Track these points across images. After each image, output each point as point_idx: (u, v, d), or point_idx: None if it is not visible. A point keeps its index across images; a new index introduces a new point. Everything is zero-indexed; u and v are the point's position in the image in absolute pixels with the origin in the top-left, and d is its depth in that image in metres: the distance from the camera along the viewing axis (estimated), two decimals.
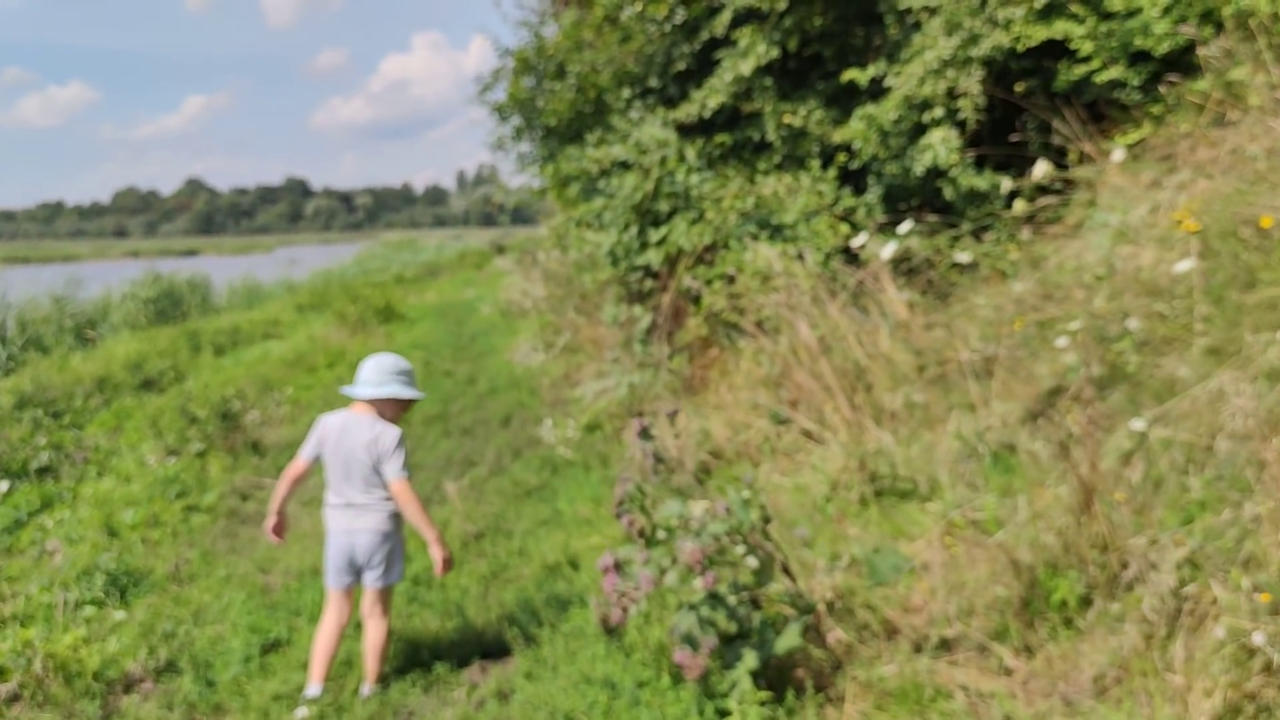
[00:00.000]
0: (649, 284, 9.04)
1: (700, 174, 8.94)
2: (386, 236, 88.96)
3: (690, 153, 9.10)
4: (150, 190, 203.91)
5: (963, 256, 6.78)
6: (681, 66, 9.24)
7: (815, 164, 8.21)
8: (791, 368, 7.08)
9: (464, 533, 6.46)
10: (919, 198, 8.19)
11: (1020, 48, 7.24)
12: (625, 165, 9.56)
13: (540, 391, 11.23)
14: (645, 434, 4.32)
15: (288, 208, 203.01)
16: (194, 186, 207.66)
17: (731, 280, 8.06)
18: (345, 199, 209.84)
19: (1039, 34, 7.14)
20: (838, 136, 8.24)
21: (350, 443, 4.46)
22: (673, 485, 5.68)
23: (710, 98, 8.55)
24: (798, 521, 5.34)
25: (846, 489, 5.79)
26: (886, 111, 7.72)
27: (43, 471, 8.83)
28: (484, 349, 15.20)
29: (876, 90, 8.57)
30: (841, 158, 8.09)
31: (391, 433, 4.50)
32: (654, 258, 8.77)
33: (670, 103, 9.60)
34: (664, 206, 9.16)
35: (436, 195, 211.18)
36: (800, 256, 7.40)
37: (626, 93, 9.74)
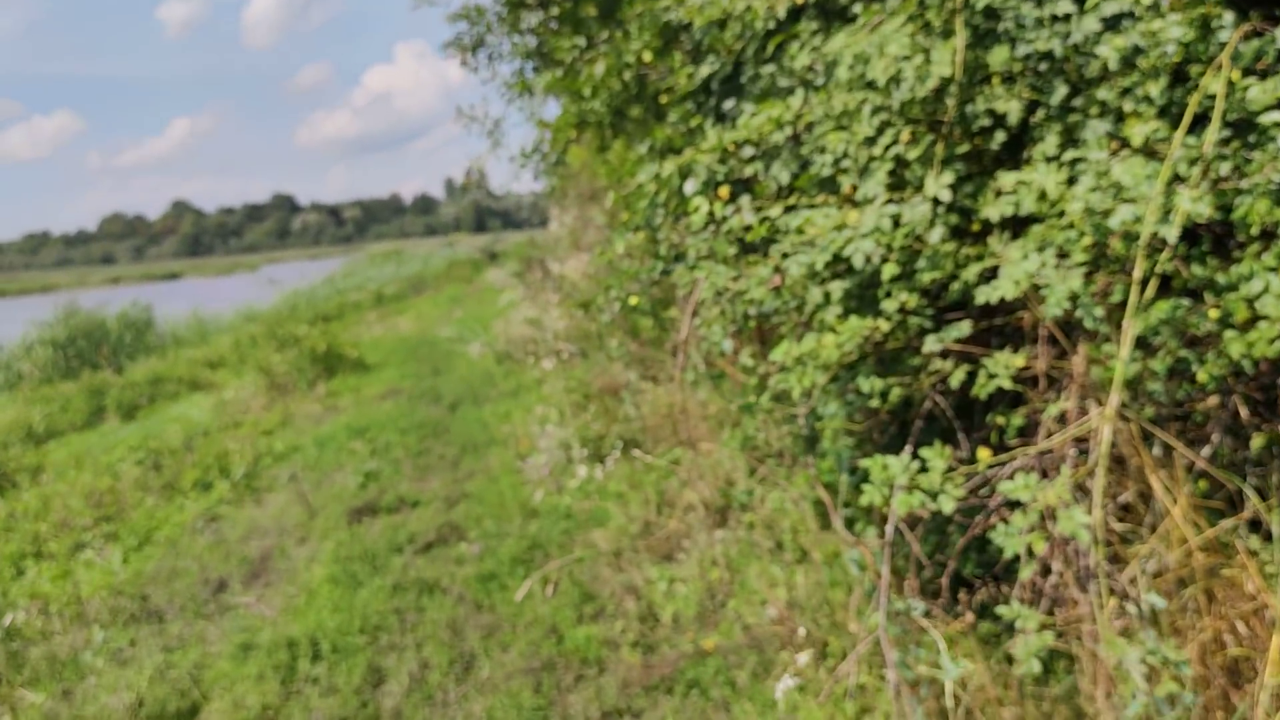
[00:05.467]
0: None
1: None
2: (374, 248, 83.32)
3: None
4: (137, 215, 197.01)
5: None
6: None
7: None
8: None
9: None
10: None
11: None
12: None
13: (608, 585, 4.90)
14: None
15: (275, 225, 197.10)
16: (180, 209, 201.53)
17: None
18: (333, 213, 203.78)
19: None
20: None
21: None
22: None
23: None
24: None
25: None
26: None
27: None
28: (473, 437, 8.77)
29: None
30: None
31: None
32: (1051, 275, 2.41)
33: None
34: (1010, 104, 2.78)
35: (426, 204, 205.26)
36: None
37: None
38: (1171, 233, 2.39)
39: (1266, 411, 2.72)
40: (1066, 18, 2.80)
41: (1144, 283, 2.47)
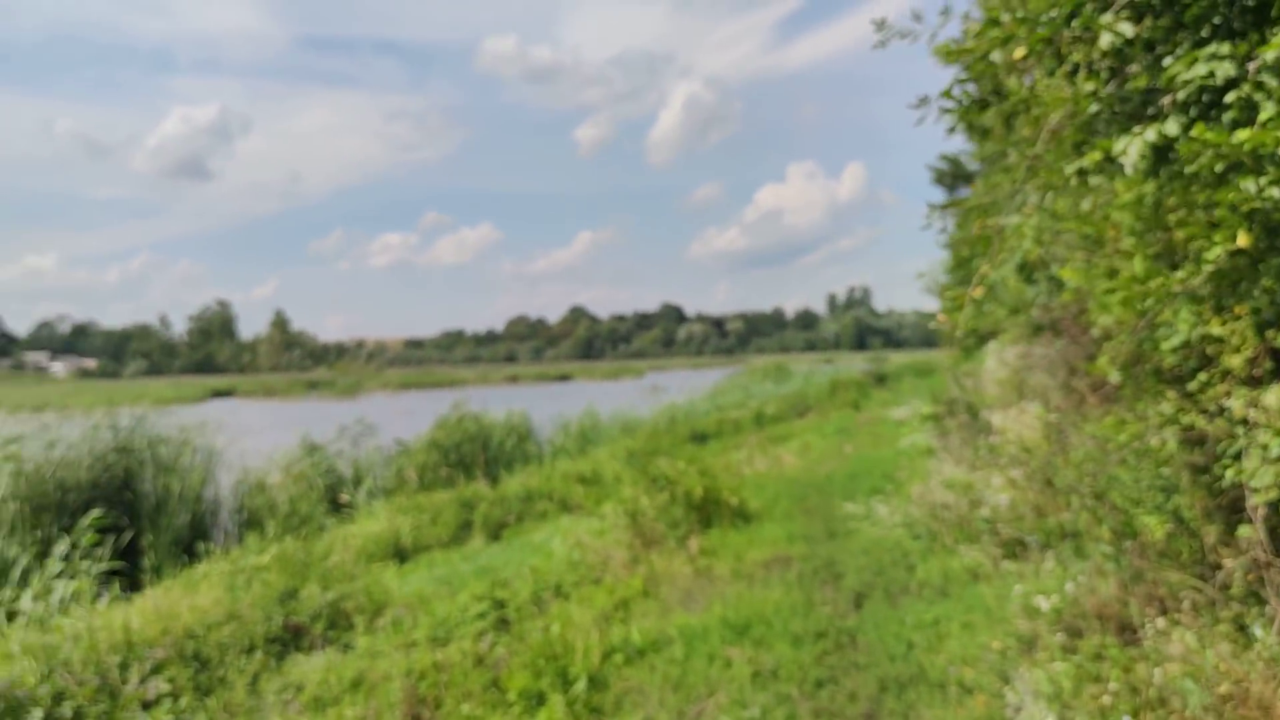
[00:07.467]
0: None
1: None
2: (755, 361, 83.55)
3: None
4: (539, 318, 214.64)
5: None
6: None
7: None
8: None
9: None
10: None
11: None
12: None
13: None
14: None
15: (662, 333, 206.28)
16: (577, 314, 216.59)
17: None
18: (717, 324, 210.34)
19: None
20: None
21: None
22: None
23: None
24: None
25: None
26: None
27: None
28: (894, 665, 6.18)
29: None
30: None
31: None
32: None
33: None
34: None
35: (807, 319, 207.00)
36: None
37: None
38: None
39: None
40: None
41: None
